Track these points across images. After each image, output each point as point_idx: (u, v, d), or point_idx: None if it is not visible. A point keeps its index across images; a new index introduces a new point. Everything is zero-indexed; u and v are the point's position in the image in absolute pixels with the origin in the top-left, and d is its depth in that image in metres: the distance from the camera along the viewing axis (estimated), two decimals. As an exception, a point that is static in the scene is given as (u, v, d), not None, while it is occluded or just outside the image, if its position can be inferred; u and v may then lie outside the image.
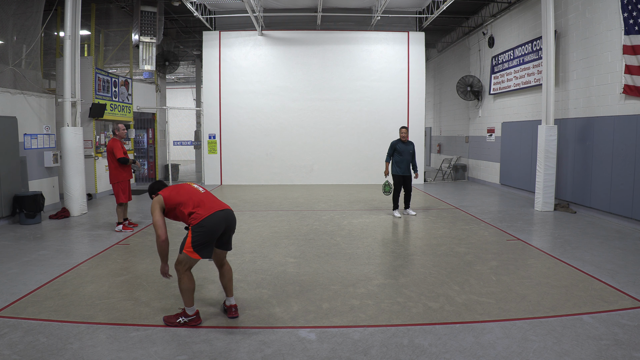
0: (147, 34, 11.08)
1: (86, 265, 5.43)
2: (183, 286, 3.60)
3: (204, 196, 3.76)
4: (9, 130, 7.76)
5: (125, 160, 7.14)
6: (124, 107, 12.22)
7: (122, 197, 7.24)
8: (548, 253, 5.94)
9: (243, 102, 13.86)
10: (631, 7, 7.29)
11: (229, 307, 3.88)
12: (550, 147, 9.00)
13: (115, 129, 7.38)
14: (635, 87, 7.33)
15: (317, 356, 3.23)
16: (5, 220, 7.81)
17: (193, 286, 3.64)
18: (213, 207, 3.65)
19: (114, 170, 7.20)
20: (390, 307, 4.12)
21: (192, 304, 3.67)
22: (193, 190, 3.80)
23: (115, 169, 7.20)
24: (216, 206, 3.68)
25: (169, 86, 24.17)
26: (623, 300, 4.21)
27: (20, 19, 8.45)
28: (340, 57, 13.89)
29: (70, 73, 8.46)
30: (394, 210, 8.71)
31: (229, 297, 3.91)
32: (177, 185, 3.87)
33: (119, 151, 7.08)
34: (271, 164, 14.05)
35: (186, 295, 3.63)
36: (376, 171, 13.98)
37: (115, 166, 7.19)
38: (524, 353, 3.24)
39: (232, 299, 3.90)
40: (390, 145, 8.77)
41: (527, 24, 11.08)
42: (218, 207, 3.67)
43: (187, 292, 3.62)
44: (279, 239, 6.81)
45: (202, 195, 3.76)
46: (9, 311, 3.99)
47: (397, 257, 5.88)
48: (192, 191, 3.78)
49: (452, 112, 16.77)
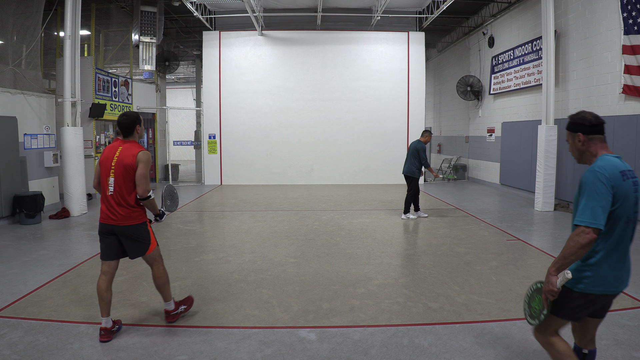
0: (147, 34, 11.09)
1: (86, 265, 5.43)
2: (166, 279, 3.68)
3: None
4: (9, 130, 7.76)
5: None
6: (124, 107, 12.22)
7: None
8: (548, 253, 5.94)
9: (243, 102, 13.86)
10: (630, 7, 7.29)
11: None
12: (550, 147, 9.00)
13: (118, 129, 7.31)
14: (635, 87, 7.33)
15: (317, 356, 3.23)
16: (5, 220, 7.81)
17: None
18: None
19: None
20: (390, 307, 4.12)
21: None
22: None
23: None
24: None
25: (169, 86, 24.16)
26: (623, 300, 4.21)
27: (20, 18, 8.45)
28: (340, 57, 13.90)
29: (70, 73, 8.46)
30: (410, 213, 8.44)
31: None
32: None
33: None
34: (271, 164, 14.05)
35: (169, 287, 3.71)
36: (376, 171, 14.01)
37: None
38: (524, 353, 3.24)
39: (165, 304, 3.74)
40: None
41: (527, 24, 11.08)
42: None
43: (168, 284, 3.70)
44: (279, 239, 6.81)
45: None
46: (9, 311, 3.99)
47: (397, 257, 5.88)
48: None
49: (452, 112, 16.77)
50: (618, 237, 2.26)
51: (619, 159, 2.32)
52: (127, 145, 3.48)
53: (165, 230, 7.43)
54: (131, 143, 3.51)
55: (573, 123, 2.41)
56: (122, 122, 3.51)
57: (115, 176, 3.40)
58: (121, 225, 3.41)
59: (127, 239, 3.47)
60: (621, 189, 2.21)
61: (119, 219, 3.40)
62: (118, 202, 3.40)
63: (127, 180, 3.40)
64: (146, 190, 3.39)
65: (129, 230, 3.43)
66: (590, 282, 2.26)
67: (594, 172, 2.23)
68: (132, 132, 3.54)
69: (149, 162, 3.46)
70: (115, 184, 3.40)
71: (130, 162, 3.37)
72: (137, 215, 3.46)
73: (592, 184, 2.21)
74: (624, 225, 2.25)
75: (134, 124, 3.53)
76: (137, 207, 3.45)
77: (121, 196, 3.40)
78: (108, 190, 3.43)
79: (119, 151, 3.45)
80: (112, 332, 3.48)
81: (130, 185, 3.41)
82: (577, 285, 2.29)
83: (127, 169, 3.37)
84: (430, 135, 8.48)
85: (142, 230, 3.48)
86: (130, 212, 3.42)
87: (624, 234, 2.27)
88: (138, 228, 3.45)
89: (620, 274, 2.30)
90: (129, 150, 3.44)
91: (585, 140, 2.36)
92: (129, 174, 3.39)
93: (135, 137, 3.56)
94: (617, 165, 2.25)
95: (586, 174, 2.27)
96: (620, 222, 2.24)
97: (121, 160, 3.40)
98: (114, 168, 3.40)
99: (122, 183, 3.39)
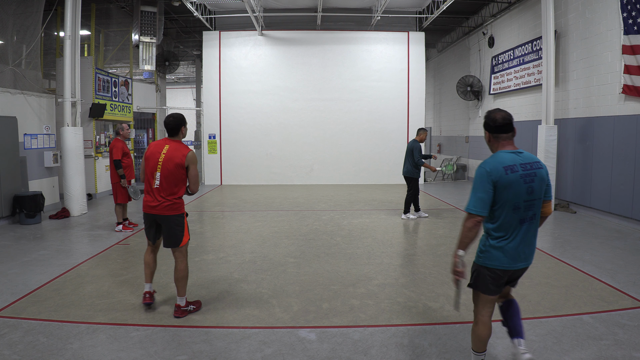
0: (147, 34, 11.09)
1: (86, 265, 5.43)
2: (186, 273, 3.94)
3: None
4: (9, 130, 7.76)
5: (118, 164, 7.00)
6: (124, 107, 12.22)
7: (121, 197, 7.20)
8: (548, 253, 5.94)
9: (243, 102, 13.85)
10: (630, 7, 7.29)
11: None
12: (550, 147, 9.00)
13: (119, 129, 7.22)
14: (634, 87, 7.33)
15: (317, 356, 3.23)
16: (5, 220, 7.81)
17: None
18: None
19: (114, 170, 7.15)
20: (390, 307, 4.12)
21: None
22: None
23: (114, 169, 7.16)
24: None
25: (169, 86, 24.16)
26: (623, 300, 4.21)
27: (20, 18, 8.45)
28: (340, 57, 13.89)
29: (70, 73, 8.46)
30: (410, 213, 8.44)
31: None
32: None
33: (117, 152, 6.97)
34: (271, 164, 14.05)
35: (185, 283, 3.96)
36: (376, 171, 14.00)
37: None
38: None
39: (178, 299, 3.95)
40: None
41: (527, 24, 11.08)
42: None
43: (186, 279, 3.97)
44: (279, 239, 6.81)
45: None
46: (9, 311, 3.99)
47: (397, 257, 5.88)
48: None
49: (452, 112, 16.77)
50: (508, 221, 2.60)
51: (515, 154, 2.63)
52: (175, 145, 3.82)
53: (165, 230, 7.43)
54: (178, 142, 3.86)
55: (484, 121, 2.75)
56: (169, 123, 3.84)
57: (161, 171, 3.75)
58: (163, 215, 3.79)
59: (167, 228, 3.85)
60: (502, 181, 2.54)
61: (161, 209, 3.78)
62: (162, 195, 3.77)
63: (173, 176, 3.75)
64: (198, 187, 3.86)
65: (169, 219, 3.81)
66: (490, 258, 2.65)
67: (479, 168, 2.62)
68: (177, 132, 3.87)
69: (197, 161, 3.88)
70: (161, 178, 3.75)
71: (180, 161, 3.73)
72: (178, 207, 3.83)
73: (476, 177, 2.62)
74: (511, 211, 2.58)
75: (179, 124, 3.87)
76: (178, 200, 3.83)
77: (165, 189, 3.76)
78: (154, 183, 3.78)
79: (166, 149, 3.78)
80: (152, 295, 4.04)
81: (175, 180, 3.76)
82: (484, 262, 2.68)
83: (177, 167, 3.73)
84: (426, 132, 8.47)
85: (180, 222, 3.85)
86: (172, 204, 3.79)
87: (513, 219, 2.60)
88: (177, 219, 3.83)
89: (517, 252, 2.64)
90: (177, 149, 3.78)
91: (490, 137, 2.73)
92: (177, 170, 3.74)
93: (179, 137, 3.89)
94: (503, 161, 2.57)
95: (477, 169, 2.64)
96: (507, 208, 2.58)
97: (170, 158, 3.73)
98: (161, 164, 3.75)
99: (168, 178, 3.74)
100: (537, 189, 2.62)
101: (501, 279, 2.70)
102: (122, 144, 7.11)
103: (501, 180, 2.54)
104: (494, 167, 2.56)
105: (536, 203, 2.63)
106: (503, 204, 2.57)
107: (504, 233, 2.62)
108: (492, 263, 2.65)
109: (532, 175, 2.59)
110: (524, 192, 2.57)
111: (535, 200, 2.62)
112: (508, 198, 2.55)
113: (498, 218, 2.61)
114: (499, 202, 2.58)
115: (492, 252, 2.65)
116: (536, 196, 2.62)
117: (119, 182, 7.11)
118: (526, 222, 2.63)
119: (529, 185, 2.58)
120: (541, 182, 2.64)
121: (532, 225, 2.66)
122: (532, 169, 2.61)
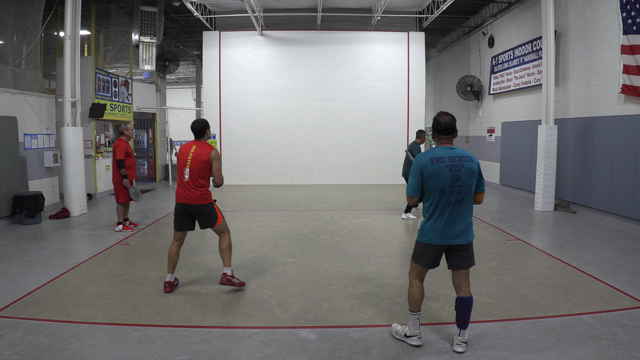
0: (147, 34, 11.09)
1: (86, 265, 5.43)
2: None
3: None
4: (9, 130, 7.76)
5: (121, 163, 7.01)
6: (124, 107, 12.22)
7: (122, 197, 7.20)
8: (548, 253, 5.94)
9: (243, 102, 13.85)
10: (630, 7, 7.29)
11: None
12: (550, 147, 9.00)
13: (124, 129, 7.21)
14: (633, 86, 7.34)
15: (317, 356, 3.23)
16: (5, 220, 7.81)
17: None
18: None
19: (116, 169, 7.14)
20: (390, 307, 4.12)
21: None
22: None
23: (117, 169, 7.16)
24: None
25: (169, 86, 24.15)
26: (623, 300, 4.21)
27: (20, 18, 8.44)
28: (340, 57, 13.89)
29: (70, 73, 8.45)
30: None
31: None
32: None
33: (120, 152, 6.98)
34: (271, 164, 14.05)
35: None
36: (376, 171, 14.00)
37: None
38: (524, 353, 3.24)
39: (225, 268, 4.57)
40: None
41: (527, 24, 11.08)
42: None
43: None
44: (279, 239, 6.81)
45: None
46: (9, 311, 3.99)
47: (397, 257, 5.88)
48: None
49: (452, 112, 16.66)
50: (436, 204, 3.17)
51: (447, 149, 3.18)
52: (200, 144, 4.48)
53: (166, 230, 7.44)
54: (203, 143, 4.52)
55: (433, 121, 3.30)
56: (196, 127, 4.51)
57: (190, 167, 4.41)
58: (194, 204, 4.43)
59: (200, 215, 4.50)
60: (428, 170, 3.13)
61: (192, 199, 4.41)
62: (192, 187, 4.41)
63: (201, 171, 4.40)
64: (222, 180, 4.45)
65: (201, 208, 4.45)
66: (424, 234, 3.25)
67: (414, 160, 3.27)
68: (203, 135, 4.54)
69: (220, 158, 4.54)
70: (190, 173, 4.41)
71: (206, 157, 4.39)
72: (206, 197, 4.46)
73: (411, 168, 3.26)
74: (438, 194, 3.14)
75: (204, 128, 4.55)
76: (206, 190, 4.47)
77: (194, 182, 4.41)
78: (184, 177, 4.44)
79: (193, 148, 4.46)
80: (173, 285, 4.56)
81: (202, 174, 4.40)
82: (421, 238, 3.28)
83: (203, 162, 4.39)
84: (424, 134, 8.64)
85: (210, 209, 4.50)
86: (201, 194, 4.42)
87: (440, 201, 3.15)
88: (207, 207, 4.47)
89: (445, 231, 3.17)
90: (203, 148, 4.44)
91: (435, 135, 3.32)
92: (204, 165, 4.40)
93: (204, 138, 4.55)
94: (433, 154, 3.15)
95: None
96: (435, 192, 3.15)
97: (198, 155, 4.40)
98: (190, 161, 4.42)
99: (196, 172, 4.40)
100: (464, 178, 3.13)
101: (435, 253, 3.24)
102: (126, 144, 7.12)
103: (427, 169, 3.14)
104: (423, 159, 3.18)
105: (463, 190, 3.15)
106: (432, 188, 3.15)
107: (434, 213, 3.19)
108: (425, 239, 3.24)
109: (459, 166, 3.13)
110: (449, 179, 3.11)
111: (462, 187, 3.14)
112: (435, 183, 3.13)
113: (428, 200, 3.21)
114: (429, 187, 3.16)
115: (425, 229, 3.24)
116: (463, 184, 3.14)
117: (121, 181, 7.12)
118: (452, 205, 3.15)
119: (455, 173, 3.12)
120: (469, 173, 3.15)
121: (458, 208, 3.17)
122: (460, 161, 3.15)
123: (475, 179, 3.21)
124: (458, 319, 3.32)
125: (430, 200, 3.19)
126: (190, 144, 4.54)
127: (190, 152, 4.45)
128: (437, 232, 3.18)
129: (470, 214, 3.25)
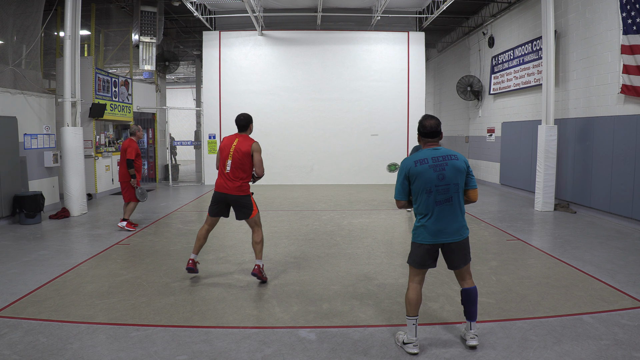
0: (147, 34, 11.09)
1: (86, 265, 5.43)
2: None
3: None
4: (9, 130, 7.76)
5: (131, 163, 7.14)
6: (124, 107, 12.22)
7: (128, 196, 7.30)
8: (548, 253, 5.94)
9: (243, 102, 13.83)
10: (630, 7, 7.29)
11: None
12: (550, 147, 9.00)
13: (136, 130, 7.39)
14: (633, 86, 7.34)
15: (317, 356, 3.23)
16: (5, 220, 7.81)
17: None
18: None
19: (125, 169, 7.21)
20: (390, 307, 4.12)
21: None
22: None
23: (126, 168, 7.22)
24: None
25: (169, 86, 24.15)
26: (623, 300, 4.21)
27: (20, 18, 8.44)
28: (340, 57, 13.89)
29: (70, 73, 8.45)
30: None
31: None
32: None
33: (131, 152, 7.12)
34: (271, 164, 13.98)
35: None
36: (376, 171, 13.99)
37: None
38: (524, 353, 3.24)
39: (257, 261, 4.75)
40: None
41: (527, 24, 11.08)
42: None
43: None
44: (279, 239, 6.81)
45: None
46: (9, 311, 3.99)
47: (397, 257, 5.88)
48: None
49: (452, 112, 16.77)
50: (425, 204, 3.20)
51: (431, 150, 3.25)
52: (243, 138, 4.69)
53: (166, 230, 7.44)
54: (245, 136, 4.72)
55: (418, 124, 3.35)
56: (240, 120, 4.78)
57: (232, 159, 4.61)
58: (233, 195, 4.61)
59: (237, 206, 4.69)
60: (412, 172, 3.20)
61: (232, 189, 4.60)
62: (232, 178, 4.61)
63: (242, 163, 4.59)
64: (263, 171, 4.64)
65: (239, 199, 4.64)
66: (416, 235, 3.27)
67: (400, 163, 3.34)
68: (246, 128, 4.77)
69: (261, 150, 4.67)
70: (232, 165, 4.60)
71: (247, 149, 4.58)
72: (245, 188, 4.65)
73: (398, 171, 3.32)
74: (425, 195, 3.19)
75: (248, 122, 4.79)
76: (246, 182, 4.65)
77: (235, 174, 4.60)
78: (226, 169, 4.64)
79: (236, 141, 4.65)
80: (196, 263, 4.80)
81: (243, 166, 4.59)
82: (414, 239, 3.29)
83: (245, 155, 4.57)
84: None
85: (248, 200, 4.67)
86: (240, 185, 4.61)
87: (428, 201, 3.18)
88: (245, 198, 4.65)
89: (437, 230, 3.19)
90: (245, 141, 4.63)
91: (420, 138, 3.37)
92: (245, 157, 4.58)
93: (247, 132, 4.76)
94: (417, 157, 3.21)
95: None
96: (422, 193, 3.20)
97: (239, 148, 4.59)
98: (232, 154, 4.62)
99: (238, 164, 4.59)
100: (449, 176, 3.17)
101: (428, 254, 3.24)
102: (136, 145, 7.25)
103: (411, 171, 3.21)
104: (407, 163, 3.25)
105: (451, 188, 3.19)
106: (419, 189, 3.21)
107: (424, 213, 3.22)
108: (418, 239, 3.26)
109: (443, 165, 3.18)
110: (434, 178, 3.16)
111: (449, 186, 3.18)
112: (421, 184, 3.18)
113: (416, 201, 3.25)
114: (416, 188, 3.22)
115: (417, 230, 3.27)
116: (449, 182, 3.18)
117: (129, 181, 7.19)
118: (440, 204, 3.19)
119: (440, 172, 3.17)
120: (455, 171, 3.18)
121: (447, 207, 3.19)
122: (444, 160, 3.20)
123: (463, 176, 3.22)
124: (466, 310, 3.34)
125: (418, 201, 3.23)
126: (233, 137, 4.72)
127: (232, 145, 4.63)
128: (428, 232, 3.20)
129: (461, 212, 3.26)
